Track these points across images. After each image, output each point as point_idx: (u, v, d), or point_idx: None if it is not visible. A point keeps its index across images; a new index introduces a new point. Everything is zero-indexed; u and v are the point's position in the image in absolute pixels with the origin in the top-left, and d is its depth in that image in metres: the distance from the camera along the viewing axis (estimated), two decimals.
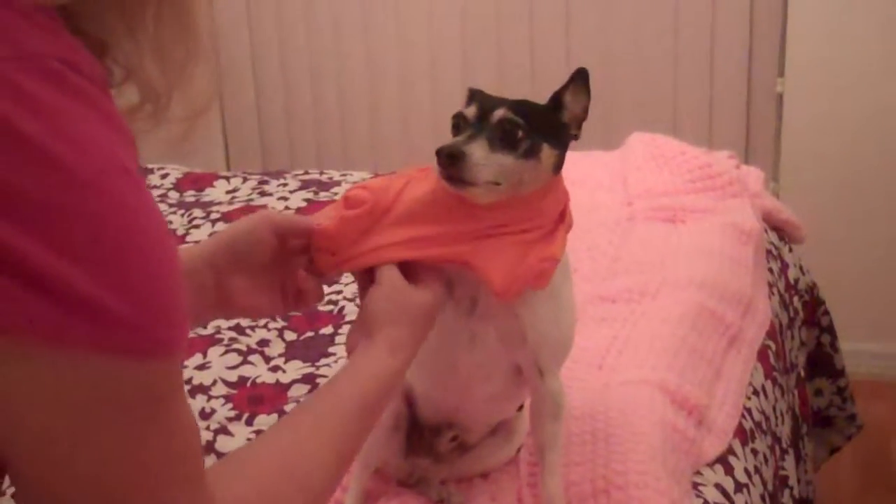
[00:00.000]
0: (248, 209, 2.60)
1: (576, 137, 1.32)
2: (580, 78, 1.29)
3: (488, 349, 1.34)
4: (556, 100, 1.30)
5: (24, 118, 0.69)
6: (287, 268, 1.28)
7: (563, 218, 1.31)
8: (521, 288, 1.26)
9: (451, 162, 1.21)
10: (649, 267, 2.17)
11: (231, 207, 2.62)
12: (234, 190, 2.78)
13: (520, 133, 1.24)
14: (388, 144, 4.10)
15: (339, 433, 1.03)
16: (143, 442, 0.77)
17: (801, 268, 2.70)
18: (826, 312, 2.76)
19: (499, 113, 1.25)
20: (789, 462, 2.08)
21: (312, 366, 1.91)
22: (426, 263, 1.23)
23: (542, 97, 1.32)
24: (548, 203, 1.29)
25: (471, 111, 1.27)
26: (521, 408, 1.48)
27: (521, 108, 1.26)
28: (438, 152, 1.21)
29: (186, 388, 1.72)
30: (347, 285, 2.21)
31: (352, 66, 4.10)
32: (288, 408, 1.74)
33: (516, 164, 1.23)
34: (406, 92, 4.07)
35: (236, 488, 0.85)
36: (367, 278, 1.23)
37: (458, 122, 1.28)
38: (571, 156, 1.32)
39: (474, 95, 1.30)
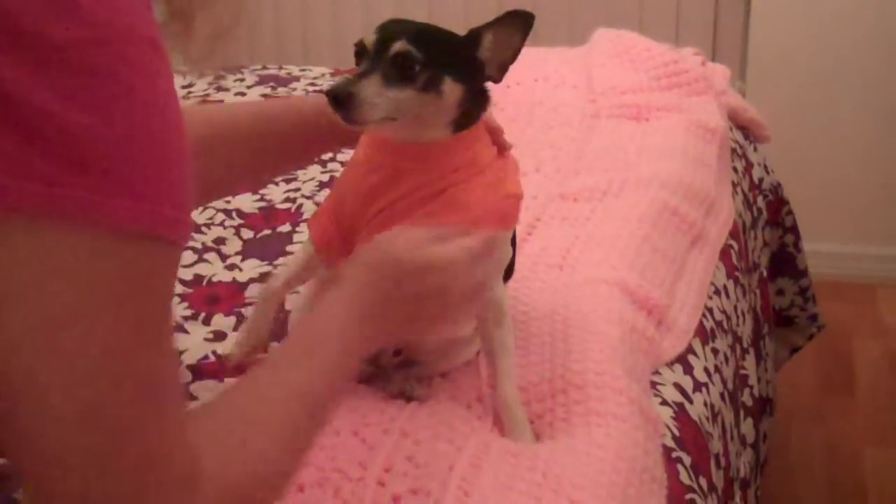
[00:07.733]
0: (206, 104, 2.54)
1: (496, 80, 1.27)
2: (510, 22, 1.24)
3: None
4: (474, 35, 1.25)
5: None
6: None
7: (502, 154, 1.30)
8: (491, 231, 1.23)
9: (339, 104, 1.17)
10: (612, 165, 2.14)
11: (186, 103, 2.55)
12: (190, 85, 2.71)
13: (416, 67, 1.20)
14: (349, 39, 4.02)
15: (295, 375, 0.99)
16: (134, 334, 0.74)
17: (765, 167, 2.69)
18: (790, 212, 2.75)
19: (396, 46, 1.20)
20: (750, 361, 2.08)
21: (269, 264, 1.88)
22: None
23: None
24: (476, 149, 1.27)
25: (370, 40, 1.23)
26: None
27: (424, 38, 1.22)
28: (327, 93, 1.18)
29: None
30: (305, 183, 2.17)
31: None
32: (245, 310, 1.71)
33: (415, 96, 1.20)
34: None
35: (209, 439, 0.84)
36: None
37: (360, 51, 1.24)
38: (536, 52, 1.28)
39: (383, 26, 1.25)
